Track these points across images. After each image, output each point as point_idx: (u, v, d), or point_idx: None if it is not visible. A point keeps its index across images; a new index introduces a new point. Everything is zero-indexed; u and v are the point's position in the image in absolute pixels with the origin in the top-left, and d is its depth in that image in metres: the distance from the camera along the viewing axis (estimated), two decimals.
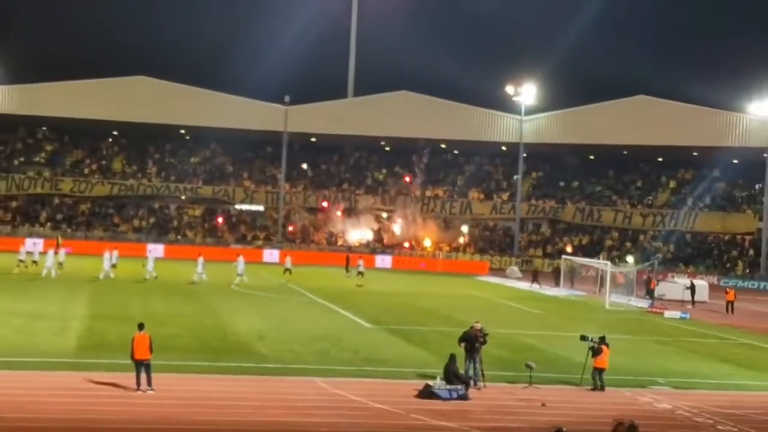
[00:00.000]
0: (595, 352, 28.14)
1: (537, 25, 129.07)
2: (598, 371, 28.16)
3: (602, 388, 27.98)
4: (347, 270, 71.16)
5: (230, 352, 31.58)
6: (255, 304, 47.70)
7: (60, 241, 74.66)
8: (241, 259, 60.30)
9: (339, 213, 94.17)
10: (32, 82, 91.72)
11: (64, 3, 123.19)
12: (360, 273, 65.10)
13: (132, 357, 24.70)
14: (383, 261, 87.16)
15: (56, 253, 59.24)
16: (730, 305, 56.92)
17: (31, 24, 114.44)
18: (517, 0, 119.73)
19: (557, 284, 70.48)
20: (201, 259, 58.70)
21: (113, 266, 57.42)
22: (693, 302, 60.72)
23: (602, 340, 28.39)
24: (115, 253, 58.94)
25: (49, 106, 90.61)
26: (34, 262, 58.82)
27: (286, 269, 64.69)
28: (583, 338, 29.00)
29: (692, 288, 62.12)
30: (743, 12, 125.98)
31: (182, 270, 61.11)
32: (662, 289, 63.69)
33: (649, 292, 60.32)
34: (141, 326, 25.26)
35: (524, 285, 70.86)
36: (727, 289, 60.04)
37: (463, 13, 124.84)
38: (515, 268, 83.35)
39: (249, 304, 47.80)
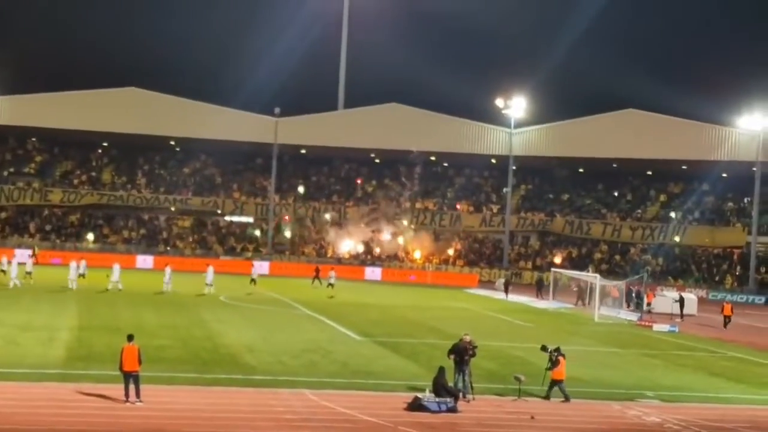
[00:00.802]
0: (553, 363, 28.13)
1: (527, 38, 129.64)
2: (557, 383, 28.15)
3: (567, 399, 28.00)
4: (314, 281, 70.82)
5: (219, 364, 31.53)
6: (245, 316, 47.63)
7: (36, 251, 74.46)
8: (210, 270, 59.71)
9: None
10: (22, 93, 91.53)
11: (55, 14, 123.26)
12: (330, 284, 65.02)
13: (121, 368, 24.63)
14: (373, 273, 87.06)
15: (35, 263, 58.90)
16: (726, 320, 56.46)
17: (21, 35, 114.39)
18: (506, 14, 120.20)
19: (538, 296, 71.05)
20: (168, 270, 58.52)
21: (81, 276, 57.03)
22: (682, 315, 60.77)
23: (558, 351, 28.36)
24: (83, 263, 58.43)
25: (39, 116, 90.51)
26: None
27: (252, 279, 63.77)
28: (544, 349, 29.01)
29: (681, 301, 62.19)
30: (732, 27, 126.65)
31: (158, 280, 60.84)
32: (651, 302, 63.78)
33: (639, 305, 60.46)
34: (130, 337, 25.21)
35: (513, 297, 70.79)
36: (724, 304, 59.71)
37: (453, 26, 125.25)
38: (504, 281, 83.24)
39: (239, 315, 47.73)
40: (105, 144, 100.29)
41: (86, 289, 55.20)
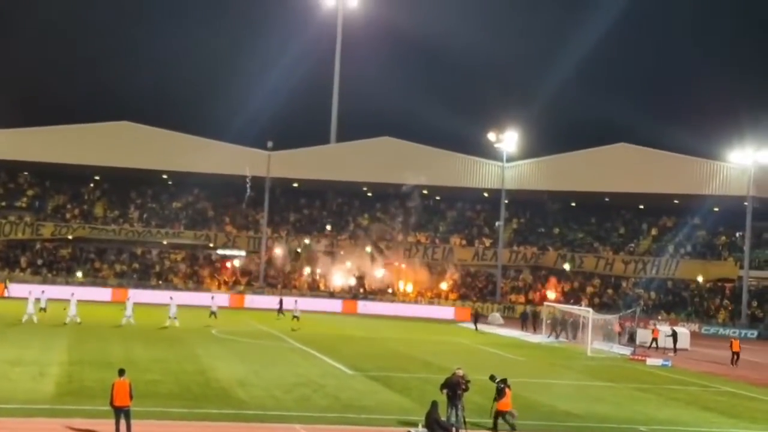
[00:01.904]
0: (499, 394, 28.01)
1: (519, 72, 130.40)
2: (502, 414, 28.01)
3: (513, 429, 27.85)
4: (279, 313, 71.02)
5: (211, 399, 31.37)
6: (236, 350, 47.45)
7: (7, 283, 74.07)
8: (173, 302, 59.09)
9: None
10: (14, 127, 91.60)
11: (48, 49, 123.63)
12: (295, 317, 64.92)
13: (112, 403, 24.47)
14: (365, 306, 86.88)
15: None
16: (735, 356, 55.07)
17: (13, 70, 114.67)
18: (499, 48, 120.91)
19: (523, 329, 71.58)
20: (130, 302, 57.64)
21: (42, 310, 56.29)
22: (675, 350, 60.70)
23: (505, 382, 28.24)
24: (45, 296, 57.52)
25: (32, 150, 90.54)
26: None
27: (212, 313, 63.10)
28: (492, 379, 28.88)
29: (674, 335, 62.13)
30: (724, 61, 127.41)
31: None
32: (643, 336, 63.71)
33: (632, 339, 60.36)
34: (121, 372, 25.06)
35: (506, 332, 70.70)
36: (732, 340, 58.19)
37: (445, 59, 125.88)
38: (497, 315, 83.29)
39: (230, 349, 47.54)
40: (97, 178, 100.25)
41: (46, 323, 54.28)
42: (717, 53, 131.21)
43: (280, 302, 73.93)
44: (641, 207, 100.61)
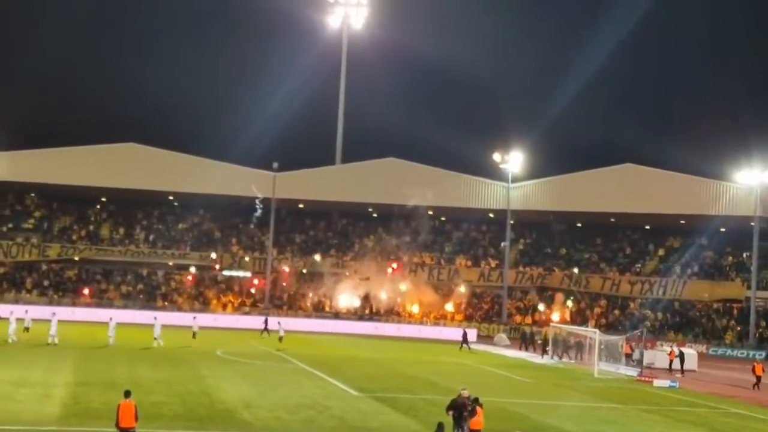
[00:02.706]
0: (470, 413, 27.81)
1: (524, 93, 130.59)
2: None
3: None
4: (263, 332, 71.70)
5: (216, 420, 31.26)
6: (241, 371, 47.33)
7: None
8: (157, 322, 58.78)
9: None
10: (21, 149, 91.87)
11: (54, 71, 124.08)
12: (280, 338, 64.88)
13: (117, 425, 24.40)
14: (370, 327, 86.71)
15: None
16: (758, 380, 53.35)
17: (20, 92, 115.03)
18: (504, 69, 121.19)
19: (522, 348, 72.32)
20: (113, 323, 57.42)
21: (26, 329, 56.22)
22: (682, 371, 60.46)
23: (476, 401, 28.06)
24: (29, 315, 57.08)
25: (38, 172, 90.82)
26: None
27: (194, 333, 62.87)
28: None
29: (681, 356, 61.88)
30: (729, 82, 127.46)
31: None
32: (651, 357, 63.46)
33: (640, 360, 60.07)
34: (127, 393, 24.99)
35: (512, 352, 70.51)
36: (755, 364, 56.65)
37: (450, 81, 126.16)
38: (503, 336, 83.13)
39: (235, 370, 47.42)
40: (103, 199, 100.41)
41: (27, 344, 54.12)
42: (722, 73, 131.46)
43: (265, 321, 74.53)
44: (647, 227, 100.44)
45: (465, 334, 73.08)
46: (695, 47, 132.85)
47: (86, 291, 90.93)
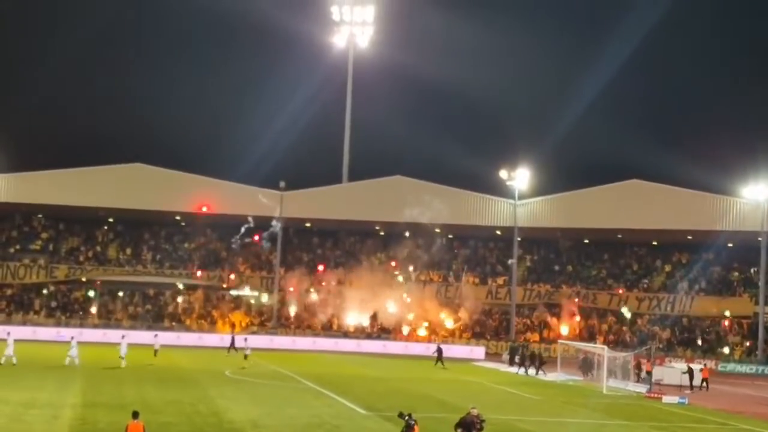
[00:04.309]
0: (407, 429, 27.59)
1: (530, 110, 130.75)
2: None
3: None
4: (230, 350, 71.81)
5: None
6: (250, 391, 47.30)
7: None
8: (124, 341, 58.13)
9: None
10: (28, 171, 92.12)
11: (60, 93, 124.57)
12: (246, 355, 64.77)
13: None
14: (378, 345, 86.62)
15: None
16: None
17: (25, 114, 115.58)
18: (510, 86, 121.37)
19: (511, 364, 72.46)
20: (74, 341, 56.73)
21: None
22: (691, 387, 60.29)
23: (410, 416, 27.83)
24: (11, 338, 55.91)
25: (45, 194, 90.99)
26: None
27: (155, 351, 62.60)
28: (401, 416, 28.43)
29: (690, 372, 61.70)
30: (736, 97, 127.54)
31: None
32: (659, 373, 63.23)
33: (648, 376, 59.83)
34: (135, 414, 24.99)
35: (520, 370, 70.31)
36: None
37: (456, 98, 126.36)
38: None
39: (244, 390, 47.40)
40: (110, 220, 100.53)
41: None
42: (729, 88, 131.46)
43: (232, 339, 74.68)
44: (654, 243, 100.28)
45: (440, 351, 73.16)
46: (701, 63, 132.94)
47: (93, 310, 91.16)
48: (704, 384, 61.14)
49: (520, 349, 76.00)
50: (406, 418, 27.62)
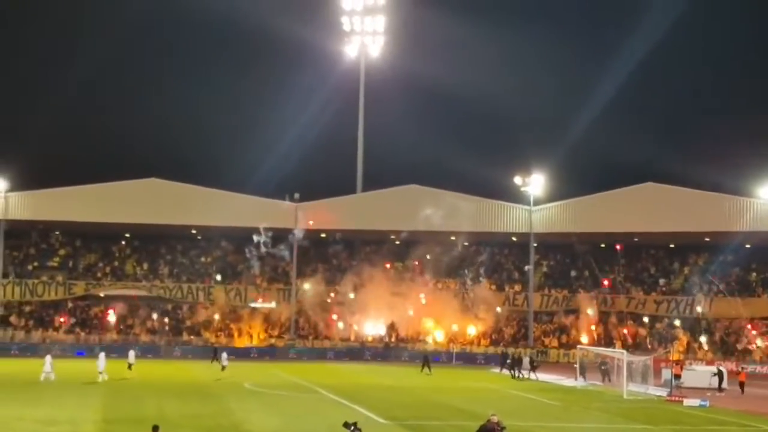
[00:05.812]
0: None
1: (544, 115, 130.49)
2: None
3: None
4: (213, 361, 71.57)
5: None
6: (269, 402, 47.34)
7: None
8: (102, 356, 58.24)
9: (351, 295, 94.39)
10: (44, 188, 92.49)
11: (74, 111, 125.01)
12: (223, 367, 64.58)
13: None
14: (397, 355, 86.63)
15: None
16: None
17: (41, 133, 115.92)
18: (523, 91, 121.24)
19: (503, 369, 73.36)
20: (48, 357, 56.87)
21: None
22: (720, 388, 60.05)
23: (355, 425, 27.71)
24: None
25: (62, 211, 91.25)
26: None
27: (129, 364, 61.32)
28: (346, 425, 28.32)
29: (720, 374, 61.53)
30: (751, 97, 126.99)
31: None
32: (683, 376, 62.86)
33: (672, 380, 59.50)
34: (155, 429, 25.05)
35: (540, 376, 70.09)
36: None
37: (469, 105, 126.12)
38: (527, 360, 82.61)
39: (264, 402, 47.44)
40: (127, 235, 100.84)
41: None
42: (744, 89, 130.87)
43: (215, 351, 74.84)
44: (671, 246, 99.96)
45: (426, 358, 73.20)
46: (715, 64, 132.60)
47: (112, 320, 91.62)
48: (741, 388, 60.63)
49: (510, 355, 76.69)
50: (352, 428, 27.54)
